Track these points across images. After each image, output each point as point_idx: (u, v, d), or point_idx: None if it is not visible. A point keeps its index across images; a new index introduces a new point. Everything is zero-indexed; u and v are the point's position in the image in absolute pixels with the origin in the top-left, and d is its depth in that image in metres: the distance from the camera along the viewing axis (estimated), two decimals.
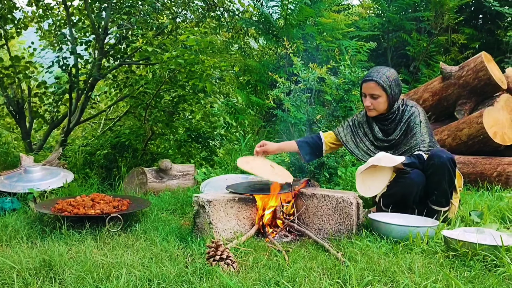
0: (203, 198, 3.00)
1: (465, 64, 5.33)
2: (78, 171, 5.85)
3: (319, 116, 4.42)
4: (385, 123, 3.59)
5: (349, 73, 4.30)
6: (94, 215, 3.12)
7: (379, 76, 3.46)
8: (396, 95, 3.50)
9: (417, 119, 3.48)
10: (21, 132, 7.48)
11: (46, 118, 7.76)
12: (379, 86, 3.44)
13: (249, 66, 6.81)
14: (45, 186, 4.01)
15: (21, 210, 3.67)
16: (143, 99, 6.52)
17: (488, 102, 5.22)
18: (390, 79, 3.46)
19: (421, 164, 3.37)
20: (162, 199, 4.28)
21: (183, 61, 5.60)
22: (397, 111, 3.54)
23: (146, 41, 6.81)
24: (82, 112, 7.40)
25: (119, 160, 6.03)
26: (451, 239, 2.76)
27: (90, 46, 7.30)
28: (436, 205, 3.37)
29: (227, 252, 2.49)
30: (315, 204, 3.22)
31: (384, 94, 3.46)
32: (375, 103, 3.51)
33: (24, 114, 7.43)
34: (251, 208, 3.19)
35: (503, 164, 4.75)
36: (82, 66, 7.28)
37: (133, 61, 7.42)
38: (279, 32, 6.67)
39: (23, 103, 7.30)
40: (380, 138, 3.61)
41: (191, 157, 6.83)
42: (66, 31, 7.29)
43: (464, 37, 8.32)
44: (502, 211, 3.62)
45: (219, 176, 4.72)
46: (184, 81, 6.36)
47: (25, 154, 4.80)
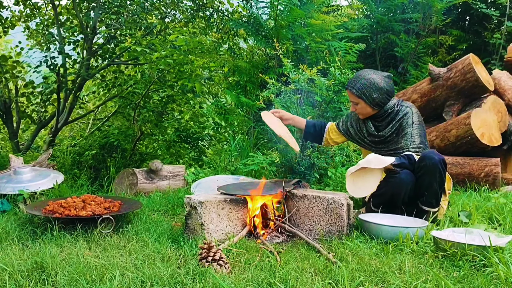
0: (194, 199, 3.01)
1: (453, 65, 5.39)
2: (67, 171, 5.82)
3: (309, 117, 4.44)
4: (378, 120, 3.65)
5: (339, 74, 4.32)
6: (86, 216, 3.12)
7: (353, 84, 3.58)
8: (376, 99, 3.53)
9: (409, 119, 3.53)
10: (8, 132, 7.43)
11: (34, 118, 7.71)
12: (353, 95, 3.57)
13: (239, 67, 6.81)
14: (35, 188, 3.99)
15: (11, 211, 3.65)
16: (132, 99, 6.50)
17: (475, 104, 5.28)
18: (364, 85, 3.52)
19: (411, 164, 3.41)
20: (153, 200, 4.28)
21: (172, 61, 5.61)
22: (390, 110, 3.60)
23: (135, 41, 6.79)
24: (70, 112, 7.37)
25: (108, 160, 6.01)
26: (440, 239, 2.79)
27: (78, 46, 7.26)
28: (426, 205, 3.41)
29: (219, 254, 2.51)
30: (306, 205, 3.24)
31: (361, 101, 3.56)
32: (358, 108, 3.63)
33: (11, 114, 7.38)
34: (243, 209, 3.21)
35: (490, 164, 4.81)
36: (70, 66, 7.23)
37: (122, 61, 7.40)
38: (268, 33, 6.69)
39: (10, 103, 7.24)
40: (372, 133, 3.68)
41: (180, 157, 6.82)
42: (54, 31, 7.25)
43: (451, 38, 8.39)
44: (490, 212, 3.67)
45: (209, 177, 4.74)
46: (173, 81, 6.36)
47: (14, 155, 4.75)
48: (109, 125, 7.23)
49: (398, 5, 8.00)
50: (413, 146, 3.47)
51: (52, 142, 7.21)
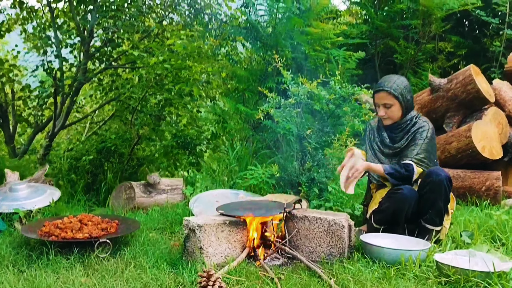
0: (193, 223, 2.96)
1: (453, 76, 5.34)
2: (63, 177, 5.79)
3: (309, 131, 4.39)
4: (395, 131, 3.61)
5: (339, 88, 4.27)
6: (82, 239, 3.06)
7: (389, 85, 3.49)
8: (409, 101, 3.53)
9: (424, 133, 3.50)
10: (5, 136, 7.36)
11: (31, 122, 7.65)
12: (390, 95, 3.48)
13: (237, 75, 6.76)
14: (31, 206, 3.93)
15: (7, 232, 3.59)
16: (129, 102, 6.43)
17: (476, 115, 5.23)
18: (401, 86, 3.49)
19: (408, 172, 3.38)
20: (151, 217, 4.23)
21: (170, 66, 5.56)
22: (409, 121, 3.57)
23: (132, 44, 6.73)
24: (67, 116, 7.31)
25: (105, 165, 5.97)
26: (443, 264, 2.75)
27: (76, 49, 7.18)
28: (430, 223, 3.38)
29: (219, 282, 2.46)
30: (307, 226, 3.20)
31: (397, 102, 3.50)
32: (389, 112, 3.55)
33: (8, 118, 7.32)
34: (242, 231, 3.15)
35: (491, 178, 4.77)
36: (67, 69, 7.16)
37: (119, 65, 7.33)
38: (267, 40, 6.63)
39: (7, 107, 7.17)
40: (387, 144, 3.64)
41: (177, 160, 6.75)
42: (50, 33, 7.17)
43: (451, 45, 8.35)
44: (492, 230, 3.63)
45: (208, 192, 4.68)
46: (170, 85, 6.29)
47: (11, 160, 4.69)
48: (106, 129, 7.16)
49: (397, 11, 7.95)
50: (416, 157, 3.43)
51: (49, 146, 7.14)
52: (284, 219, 3.27)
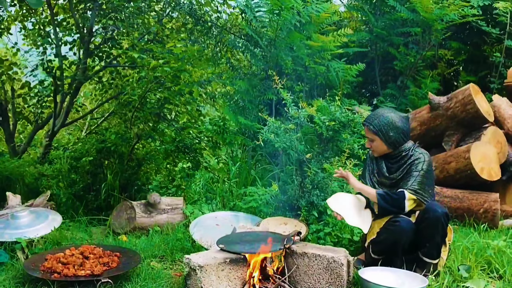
0: (194, 263, 3.00)
1: (453, 95, 5.36)
2: (64, 178, 5.82)
3: (309, 155, 4.41)
4: (391, 161, 3.66)
5: (339, 113, 4.29)
6: (85, 277, 3.10)
7: (371, 120, 3.58)
8: (391, 138, 3.54)
9: (419, 165, 3.51)
10: (5, 134, 7.36)
11: (31, 120, 7.66)
12: (370, 131, 3.57)
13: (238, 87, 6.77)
14: (33, 234, 3.95)
15: (9, 263, 3.62)
16: (129, 100, 6.42)
17: (475, 135, 5.26)
18: (382, 123, 3.53)
19: (397, 196, 3.44)
20: (151, 242, 4.26)
21: (170, 69, 5.57)
22: (404, 153, 3.59)
23: (132, 44, 6.71)
24: (67, 115, 7.31)
25: (104, 164, 6.01)
26: None
27: (75, 46, 7.16)
28: (427, 257, 3.43)
29: None
30: (306, 263, 3.24)
31: (377, 138, 3.56)
32: (373, 146, 3.64)
33: (8, 116, 7.32)
34: (242, 268, 3.19)
35: (489, 201, 4.80)
36: (67, 67, 7.15)
37: (118, 64, 7.32)
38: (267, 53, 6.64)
39: (7, 105, 7.18)
40: (384, 174, 3.68)
41: (177, 157, 6.77)
42: (50, 30, 7.13)
43: (450, 53, 8.34)
44: (490, 261, 3.67)
45: (208, 215, 4.71)
46: (171, 85, 6.28)
47: (12, 194, 4.72)
48: (106, 128, 7.16)
49: (397, 19, 7.93)
50: (410, 188, 3.46)
51: (49, 146, 7.16)
52: (284, 255, 3.31)
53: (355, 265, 3.56)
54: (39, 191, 5.80)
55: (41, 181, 6.03)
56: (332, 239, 4.13)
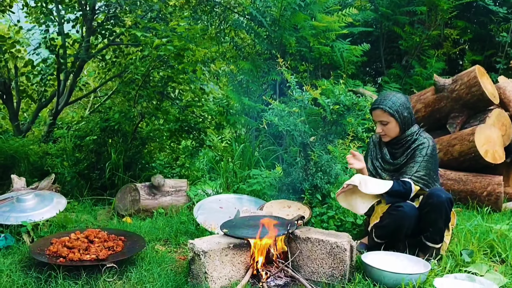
0: (198, 248, 3.01)
1: (458, 77, 5.32)
2: (68, 157, 5.86)
3: (312, 138, 4.41)
4: (395, 147, 3.63)
5: (344, 97, 4.27)
6: (90, 261, 3.13)
7: (385, 102, 3.51)
8: (406, 118, 3.52)
9: (423, 150, 3.49)
10: (9, 112, 7.38)
11: (34, 98, 7.66)
12: (386, 113, 3.50)
13: (241, 69, 6.74)
14: (39, 217, 3.98)
15: (15, 247, 3.65)
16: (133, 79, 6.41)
17: (480, 117, 5.24)
18: (397, 103, 3.50)
19: (405, 190, 3.42)
20: (155, 225, 4.29)
21: (173, 47, 5.54)
22: (409, 137, 3.57)
23: (135, 22, 6.66)
24: (70, 94, 7.31)
25: (108, 143, 6.04)
26: None
27: (78, 23, 7.11)
28: (430, 241, 3.44)
29: None
30: (309, 248, 3.25)
31: (393, 120, 3.51)
32: (386, 129, 3.57)
33: (11, 94, 7.33)
34: (246, 253, 3.21)
35: (493, 184, 4.80)
36: (70, 45, 7.12)
37: (122, 42, 7.28)
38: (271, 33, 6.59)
39: (10, 83, 7.18)
40: (388, 160, 3.66)
41: (181, 136, 6.78)
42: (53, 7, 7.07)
43: (456, 32, 8.26)
44: (493, 245, 3.69)
45: (211, 197, 4.73)
46: (174, 64, 6.25)
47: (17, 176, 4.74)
48: (110, 106, 7.17)
49: None
50: (415, 175, 3.46)
51: (53, 124, 7.18)
52: (287, 240, 3.33)
53: (358, 249, 3.58)
54: (43, 170, 5.85)
55: (45, 159, 6.07)
56: (335, 222, 4.14)
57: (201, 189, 5.31)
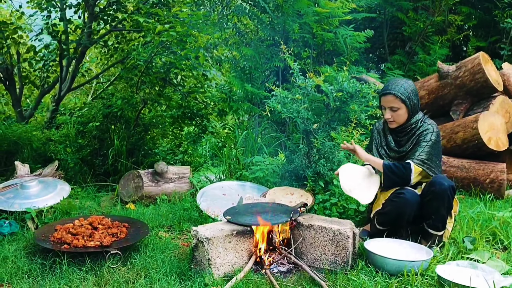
0: (202, 235, 3.02)
1: (462, 64, 5.30)
2: (71, 143, 5.88)
3: (315, 125, 4.41)
4: (400, 135, 3.63)
5: (347, 84, 4.25)
6: (94, 248, 3.15)
7: (397, 88, 3.48)
8: (415, 105, 3.52)
9: (427, 136, 3.50)
10: (12, 99, 7.38)
11: (37, 84, 7.66)
12: (397, 99, 3.47)
13: (245, 55, 6.71)
14: (43, 204, 4.01)
15: (20, 233, 3.68)
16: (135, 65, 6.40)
17: (484, 104, 5.22)
18: (408, 90, 3.48)
19: (405, 170, 3.43)
20: (159, 212, 4.31)
21: (175, 33, 5.52)
22: (414, 124, 3.57)
23: (137, 7, 6.63)
24: (73, 80, 7.31)
25: (111, 129, 6.06)
26: (444, 280, 2.83)
27: (80, 9, 7.08)
28: (432, 229, 3.45)
29: None
30: (312, 235, 3.27)
31: (404, 106, 3.49)
32: (395, 116, 3.54)
33: (14, 80, 7.32)
34: (249, 240, 3.23)
35: (496, 171, 4.80)
36: (72, 31, 7.10)
37: (124, 28, 7.26)
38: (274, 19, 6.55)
39: (12, 69, 7.17)
40: (393, 148, 3.66)
41: (184, 122, 6.79)
42: None
43: (460, 18, 8.20)
44: (495, 233, 3.70)
45: (214, 184, 4.74)
46: (177, 50, 6.24)
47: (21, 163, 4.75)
48: (112, 93, 7.17)
49: None
50: (418, 158, 3.46)
51: (55, 111, 7.19)
52: (290, 227, 3.35)
53: (361, 236, 3.59)
54: (46, 156, 5.87)
55: (48, 146, 6.08)
56: (338, 209, 4.16)
57: (204, 176, 5.31)
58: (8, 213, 3.91)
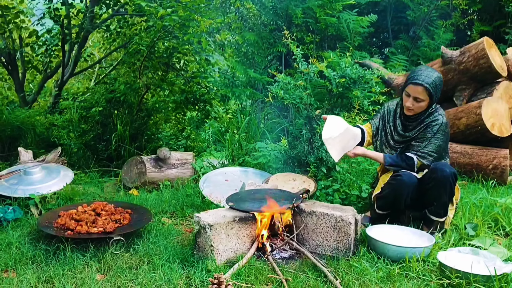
0: (204, 221, 3.04)
1: (466, 49, 5.26)
2: (74, 128, 5.89)
3: (318, 111, 4.40)
4: (409, 120, 3.58)
5: (350, 70, 4.24)
6: (97, 234, 3.17)
7: (430, 82, 3.35)
8: (437, 99, 3.47)
9: (435, 127, 3.46)
10: (14, 83, 7.39)
11: (39, 69, 7.66)
12: (426, 92, 3.37)
13: (247, 40, 6.68)
14: (46, 190, 4.03)
15: (24, 219, 3.70)
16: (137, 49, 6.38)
17: (487, 89, 5.20)
18: (437, 85, 3.38)
19: (408, 166, 3.47)
20: (162, 198, 4.33)
21: (178, 18, 5.49)
22: (427, 113, 3.52)
23: None
24: (75, 65, 7.30)
25: (114, 114, 6.07)
26: (446, 266, 2.84)
27: None
28: (434, 215, 3.46)
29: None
30: (314, 221, 3.28)
31: (428, 100, 3.41)
32: (417, 106, 3.46)
33: (17, 65, 7.32)
34: (251, 226, 3.24)
35: (499, 157, 4.80)
36: (74, 15, 7.07)
37: (126, 12, 7.22)
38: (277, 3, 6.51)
39: (15, 54, 7.16)
40: (399, 131, 3.63)
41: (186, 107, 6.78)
42: None
43: (465, 2, 8.12)
44: (497, 219, 3.71)
45: (217, 170, 4.75)
46: (179, 35, 6.21)
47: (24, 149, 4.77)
48: (115, 78, 7.17)
49: None
50: (422, 151, 3.46)
51: (58, 95, 7.20)
52: (293, 213, 3.36)
53: (363, 222, 3.61)
54: (50, 141, 5.89)
55: (51, 131, 6.10)
56: (340, 195, 4.17)
57: (207, 161, 5.32)
58: (11, 199, 3.94)
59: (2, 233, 3.42)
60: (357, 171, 4.63)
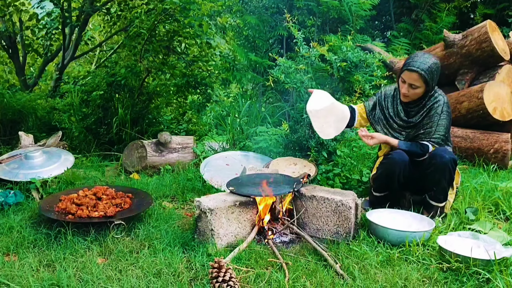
0: (205, 206, 3.04)
1: (468, 32, 5.22)
2: (75, 112, 5.89)
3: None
4: (410, 105, 3.56)
5: (351, 54, 4.21)
6: (98, 218, 3.19)
7: (425, 68, 3.31)
8: (434, 86, 3.44)
9: (439, 108, 3.44)
10: (15, 67, 7.39)
11: (40, 52, 7.63)
12: (421, 79, 3.33)
13: (248, 23, 6.63)
14: (47, 174, 4.04)
15: (25, 203, 3.72)
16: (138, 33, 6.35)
17: (489, 73, 5.17)
18: (434, 72, 3.35)
19: (422, 152, 3.44)
20: (162, 182, 4.33)
21: (178, 1, 5.46)
22: (427, 98, 3.49)
23: None
24: (76, 48, 7.29)
25: (115, 98, 6.06)
26: (445, 251, 2.84)
27: None
28: (434, 200, 3.47)
29: (229, 273, 2.57)
30: (315, 205, 3.28)
31: (424, 86, 3.39)
32: (412, 93, 3.44)
33: (17, 48, 7.30)
34: (252, 210, 3.25)
35: (500, 141, 4.79)
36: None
37: None
38: None
39: (15, 37, 7.14)
40: (401, 117, 3.60)
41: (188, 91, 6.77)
42: None
43: None
44: (498, 203, 3.71)
45: (218, 154, 4.76)
46: (180, 18, 6.18)
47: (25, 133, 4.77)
48: (116, 61, 7.14)
49: None
50: (435, 136, 3.44)
51: (59, 79, 7.19)
52: (293, 197, 3.36)
53: (363, 207, 3.61)
54: (51, 125, 5.89)
55: (52, 115, 6.10)
56: (341, 179, 4.17)
57: (207, 145, 5.32)
58: (13, 184, 3.95)
59: (3, 217, 3.44)
60: (358, 155, 4.62)
